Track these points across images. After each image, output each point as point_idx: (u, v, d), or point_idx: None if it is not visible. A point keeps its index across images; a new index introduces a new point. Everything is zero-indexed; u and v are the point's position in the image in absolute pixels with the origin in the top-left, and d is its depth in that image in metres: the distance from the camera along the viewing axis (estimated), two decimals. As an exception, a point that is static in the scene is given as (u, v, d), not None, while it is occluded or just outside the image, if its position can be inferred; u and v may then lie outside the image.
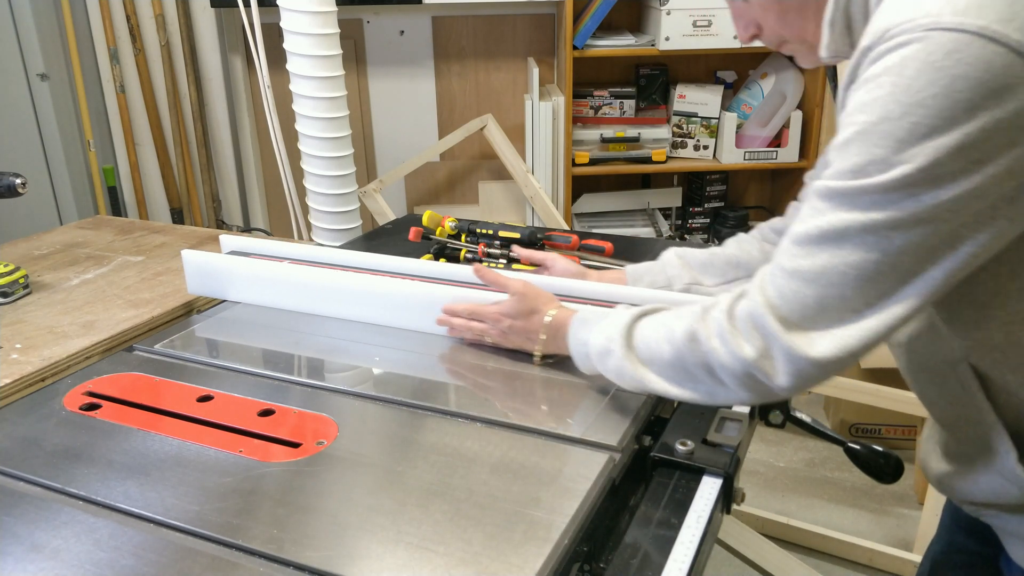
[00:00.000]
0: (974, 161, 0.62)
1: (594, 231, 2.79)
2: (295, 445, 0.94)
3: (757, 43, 0.86)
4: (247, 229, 3.20)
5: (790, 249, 0.72)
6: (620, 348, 0.88)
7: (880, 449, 1.00)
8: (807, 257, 0.70)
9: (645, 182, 3.06)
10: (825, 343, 0.70)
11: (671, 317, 0.84)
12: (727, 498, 0.90)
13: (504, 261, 1.42)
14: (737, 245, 1.16)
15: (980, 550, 0.97)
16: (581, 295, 1.16)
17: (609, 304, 1.11)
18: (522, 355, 1.13)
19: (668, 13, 2.54)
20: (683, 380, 0.83)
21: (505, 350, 1.14)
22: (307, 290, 1.28)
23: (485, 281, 1.15)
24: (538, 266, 1.30)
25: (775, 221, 1.16)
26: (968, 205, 0.64)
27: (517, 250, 1.37)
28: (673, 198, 3.00)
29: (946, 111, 0.61)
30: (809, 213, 0.70)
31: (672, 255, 1.18)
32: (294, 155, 2.14)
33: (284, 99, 2.10)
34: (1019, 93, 0.60)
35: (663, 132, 2.79)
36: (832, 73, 2.45)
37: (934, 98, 0.61)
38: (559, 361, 1.09)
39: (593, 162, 2.79)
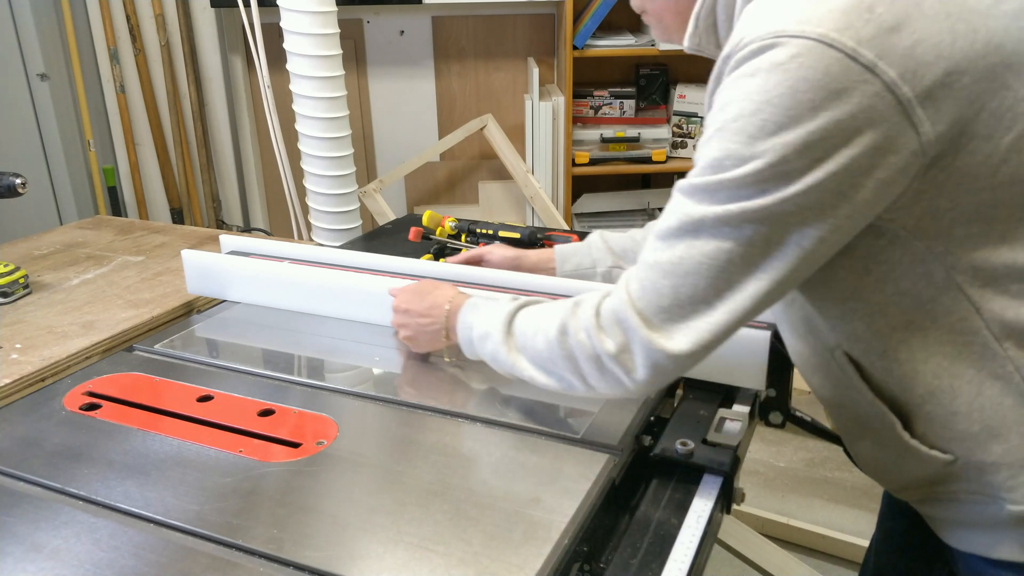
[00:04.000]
0: (816, 159, 0.67)
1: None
2: (295, 445, 0.94)
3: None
4: (247, 229, 3.20)
5: (652, 244, 0.76)
6: (499, 334, 0.91)
7: (880, 449, 1.00)
8: (666, 250, 0.74)
9: (645, 182, 3.06)
10: (680, 337, 0.75)
11: (548, 310, 0.88)
12: (727, 498, 0.90)
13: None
14: (646, 232, 1.19)
15: (913, 531, 1.01)
16: (512, 286, 1.17)
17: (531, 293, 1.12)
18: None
19: (668, 13, 2.54)
20: (550, 370, 0.86)
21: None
22: (307, 290, 1.28)
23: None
24: (477, 263, 1.30)
25: None
26: (812, 200, 0.68)
27: (452, 259, 1.35)
28: (673, 198, 3.00)
29: (792, 109, 0.66)
30: (670, 209, 0.75)
31: (598, 238, 1.23)
32: (294, 155, 2.14)
33: (284, 99, 2.10)
34: (854, 95, 0.65)
35: (663, 132, 2.80)
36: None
37: (780, 97, 0.66)
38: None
39: (593, 162, 2.79)
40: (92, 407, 1.03)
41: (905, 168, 0.68)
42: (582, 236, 1.46)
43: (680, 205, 0.74)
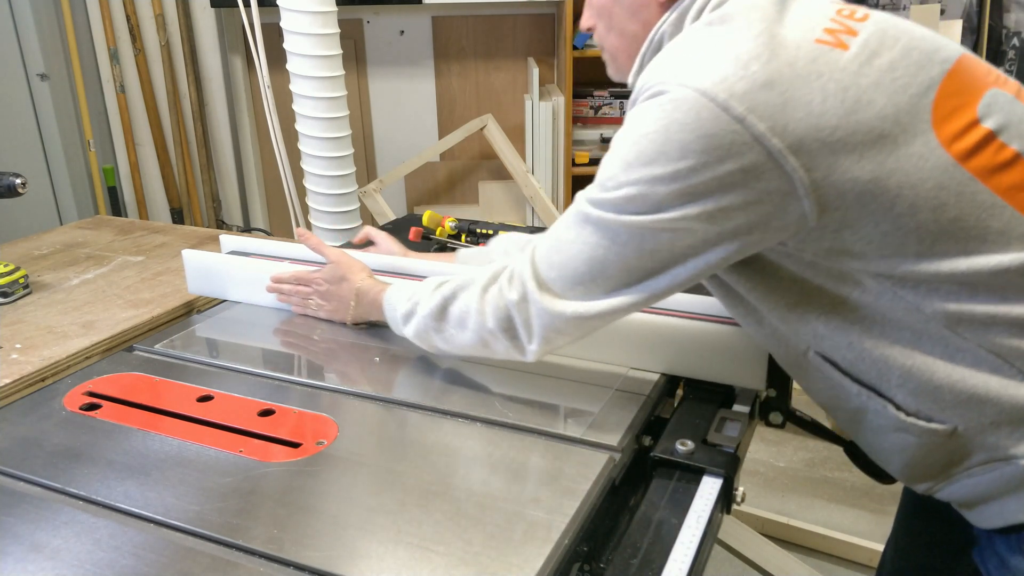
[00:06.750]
0: (685, 193, 0.75)
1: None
2: (295, 445, 0.94)
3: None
4: (247, 229, 3.21)
5: (560, 219, 0.88)
6: (424, 308, 1.01)
7: (880, 449, 0.99)
8: (564, 229, 0.86)
9: (645, 182, 3.06)
10: (563, 303, 0.87)
11: (470, 279, 0.97)
12: (727, 498, 0.90)
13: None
14: None
15: (938, 528, 1.03)
16: (398, 270, 1.25)
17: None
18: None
19: (668, 13, 2.54)
20: (463, 327, 0.95)
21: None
22: (307, 290, 1.28)
23: (307, 245, 1.26)
24: (369, 243, 1.39)
25: None
26: (683, 227, 0.77)
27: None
28: (673, 198, 3.00)
29: (663, 145, 0.75)
30: (574, 204, 0.87)
31: (498, 241, 1.28)
32: (294, 155, 2.15)
33: (284, 99, 2.10)
34: (724, 143, 0.73)
35: (663, 132, 2.79)
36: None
37: (656, 133, 0.75)
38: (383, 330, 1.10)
39: (593, 162, 2.79)
40: (92, 407, 1.03)
41: (783, 207, 0.75)
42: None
43: (578, 202, 0.85)
